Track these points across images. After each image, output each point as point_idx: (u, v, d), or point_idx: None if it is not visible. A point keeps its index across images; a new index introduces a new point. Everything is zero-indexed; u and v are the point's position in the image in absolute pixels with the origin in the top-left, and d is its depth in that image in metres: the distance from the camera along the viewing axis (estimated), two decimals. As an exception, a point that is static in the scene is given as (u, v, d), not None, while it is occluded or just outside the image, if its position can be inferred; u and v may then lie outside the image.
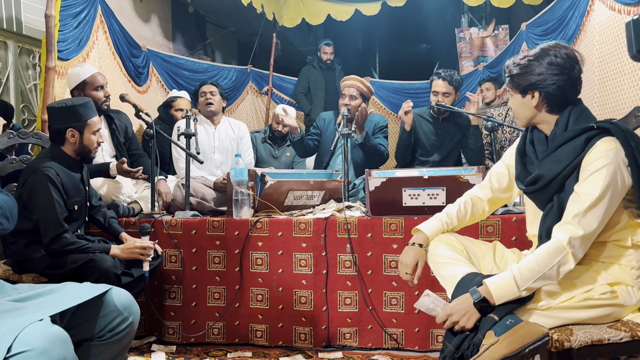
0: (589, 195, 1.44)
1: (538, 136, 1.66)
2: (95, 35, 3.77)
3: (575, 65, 1.55)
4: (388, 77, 6.84)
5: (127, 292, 1.42)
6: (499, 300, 1.46)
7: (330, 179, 3.07)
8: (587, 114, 1.58)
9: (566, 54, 1.55)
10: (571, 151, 1.51)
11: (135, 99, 4.15)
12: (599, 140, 1.47)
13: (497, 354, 1.36)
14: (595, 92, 3.76)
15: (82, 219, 2.48)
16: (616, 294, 1.48)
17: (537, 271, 1.44)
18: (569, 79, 1.54)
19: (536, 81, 1.57)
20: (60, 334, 1.12)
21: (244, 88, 6.06)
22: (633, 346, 1.46)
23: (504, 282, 1.47)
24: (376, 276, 2.62)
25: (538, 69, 1.56)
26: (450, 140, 3.54)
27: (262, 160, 4.18)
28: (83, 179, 2.48)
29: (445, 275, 1.66)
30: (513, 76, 1.63)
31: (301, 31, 7.82)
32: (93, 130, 2.40)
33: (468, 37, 6.72)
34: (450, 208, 1.85)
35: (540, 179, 1.57)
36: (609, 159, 1.44)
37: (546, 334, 1.40)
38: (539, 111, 1.61)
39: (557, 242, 1.45)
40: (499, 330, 1.40)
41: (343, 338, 2.64)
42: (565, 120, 1.57)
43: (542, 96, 1.58)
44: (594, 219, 1.44)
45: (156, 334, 2.76)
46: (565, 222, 1.47)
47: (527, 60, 1.59)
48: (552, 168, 1.54)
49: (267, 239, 2.68)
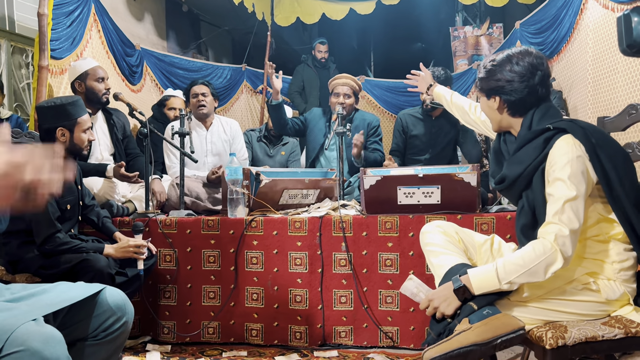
0: (561, 193, 1.46)
1: (509, 137, 1.71)
2: (88, 34, 3.76)
3: (537, 72, 1.58)
4: (383, 75, 6.84)
5: (120, 292, 1.41)
6: (478, 290, 1.48)
7: (325, 177, 3.06)
8: (552, 112, 1.62)
9: (529, 62, 1.59)
10: (531, 152, 1.55)
11: (129, 98, 4.14)
12: (558, 139, 1.51)
13: (467, 340, 1.37)
14: (589, 90, 3.77)
15: (75, 219, 2.47)
16: (598, 286, 1.49)
17: (521, 266, 1.45)
18: (527, 86, 1.59)
19: (496, 86, 1.63)
20: (53, 333, 1.11)
21: (239, 87, 6.05)
22: (627, 343, 1.46)
23: (485, 274, 1.49)
24: (371, 274, 2.62)
25: (499, 75, 1.62)
26: (444, 138, 3.55)
27: (257, 159, 4.17)
28: (75, 179, 2.47)
29: (435, 264, 1.68)
30: (480, 79, 1.70)
31: (296, 30, 7.82)
32: (83, 129, 2.39)
33: (462, 36, 6.72)
34: None
35: (506, 179, 1.62)
36: (569, 155, 1.47)
37: (521, 327, 1.40)
38: (502, 114, 1.67)
39: (544, 240, 1.46)
40: (474, 318, 1.41)
41: (338, 336, 2.64)
42: (529, 121, 1.62)
43: (502, 100, 1.64)
44: (574, 213, 1.45)
45: (151, 333, 2.75)
46: (548, 222, 1.49)
47: (491, 65, 1.65)
48: (515, 168, 1.59)
49: (262, 237, 2.67)
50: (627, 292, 1.52)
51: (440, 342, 1.40)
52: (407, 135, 3.62)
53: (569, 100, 4.19)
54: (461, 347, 1.37)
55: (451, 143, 3.59)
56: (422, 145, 3.59)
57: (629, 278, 1.53)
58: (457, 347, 1.37)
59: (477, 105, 2.15)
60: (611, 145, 1.53)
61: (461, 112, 2.28)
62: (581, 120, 1.59)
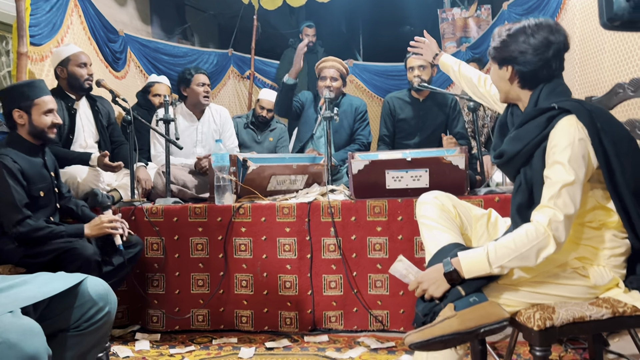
0: (559, 177, 1.44)
1: (516, 111, 1.68)
2: (69, 19, 3.67)
3: (552, 46, 1.54)
4: (372, 59, 6.78)
5: (102, 281, 1.39)
6: (469, 274, 1.46)
7: (314, 162, 3.04)
8: (560, 90, 1.58)
9: (544, 36, 1.55)
10: (532, 130, 1.52)
11: (113, 84, 4.07)
12: (560, 119, 1.47)
13: (450, 328, 1.37)
14: (576, 70, 3.76)
15: (53, 206, 2.43)
16: (587, 271, 1.49)
17: (513, 250, 1.43)
18: (540, 59, 1.55)
19: (509, 56, 1.60)
20: (31, 325, 1.08)
21: (226, 72, 5.96)
22: (614, 322, 1.46)
23: (476, 258, 1.47)
24: (360, 259, 2.61)
25: (513, 46, 1.58)
26: (433, 122, 3.52)
27: (244, 146, 4.13)
28: (47, 165, 2.42)
29: (427, 239, 1.66)
30: (493, 47, 1.66)
31: (283, 14, 7.71)
32: (43, 110, 2.33)
33: (450, 18, 6.67)
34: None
35: (504, 155, 1.60)
36: (570, 138, 1.44)
37: (506, 318, 1.40)
38: (512, 84, 1.63)
39: (537, 224, 1.44)
40: (460, 305, 1.41)
41: (329, 321, 2.64)
42: (536, 96, 1.59)
43: (514, 71, 1.60)
44: (570, 199, 1.43)
45: (140, 322, 2.74)
46: (543, 205, 1.46)
47: (506, 34, 1.61)
48: (514, 145, 1.57)
49: (250, 224, 2.65)
50: (616, 277, 1.51)
51: (423, 328, 1.39)
52: (395, 118, 3.59)
53: (557, 81, 4.17)
54: (443, 335, 1.37)
55: (441, 126, 3.56)
56: (410, 129, 3.56)
57: (619, 264, 1.52)
58: (439, 335, 1.37)
59: (486, 78, 2.09)
60: (617, 130, 1.50)
61: (470, 84, 2.18)
62: (587, 101, 1.56)
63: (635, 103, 2.94)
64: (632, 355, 2.11)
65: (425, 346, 1.38)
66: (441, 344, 1.38)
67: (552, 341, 1.44)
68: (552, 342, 1.45)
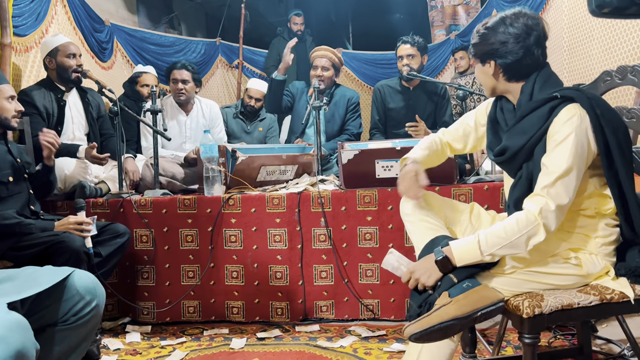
0: (557, 166, 1.43)
1: (506, 105, 1.64)
2: (53, 9, 3.62)
3: (532, 33, 1.52)
4: (362, 48, 6.75)
5: (90, 275, 1.37)
6: (460, 262, 1.46)
7: (303, 153, 3.03)
8: (554, 79, 1.56)
9: (523, 23, 1.52)
10: (536, 122, 1.49)
11: (99, 75, 4.03)
12: (563, 108, 1.46)
13: (448, 315, 1.37)
14: (565, 58, 3.77)
15: (26, 193, 2.39)
16: (580, 261, 1.49)
17: (504, 238, 1.43)
18: (522, 47, 1.52)
19: (490, 50, 1.56)
20: (18, 320, 1.07)
21: (214, 62, 5.92)
22: (602, 309, 1.47)
23: (467, 246, 1.46)
24: (351, 249, 2.61)
25: (493, 38, 1.55)
26: (423, 111, 3.52)
27: (233, 136, 4.10)
28: (11, 152, 2.39)
29: (415, 235, 1.66)
30: (473, 45, 1.63)
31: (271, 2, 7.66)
32: (5, 97, 2.34)
33: (440, 6, 6.64)
34: (423, 143, 1.85)
35: (507, 150, 1.56)
36: (572, 126, 1.43)
37: (501, 299, 1.40)
38: (497, 80, 1.60)
39: (528, 213, 1.44)
40: (454, 292, 1.41)
41: (320, 311, 2.64)
42: (530, 88, 1.55)
43: (497, 65, 1.57)
44: (565, 189, 1.42)
45: (130, 314, 2.73)
46: (536, 194, 1.46)
47: (484, 29, 1.58)
48: (518, 139, 1.53)
49: (240, 215, 2.64)
50: (607, 265, 1.52)
51: (421, 318, 1.39)
52: (385, 107, 3.58)
53: (545, 69, 4.18)
54: (442, 322, 1.36)
55: (431, 115, 3.56)
56: (400, 118, 3.55)
57: (610, 252, 1.53)
58: (438, 322, 1.37)
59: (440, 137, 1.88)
60: (615, 117, 1.49)
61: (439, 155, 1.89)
62: (587, 89, 1.55)
63: (622, 90, 2.96)
64: (619, 340, 2.14)
65: (425, 335, 1.38)
66: (440, 332, 1.37)
67: (541, 328, 1.45)
68: (541, 329, 1.46)
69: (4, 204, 2.27)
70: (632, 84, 1.77)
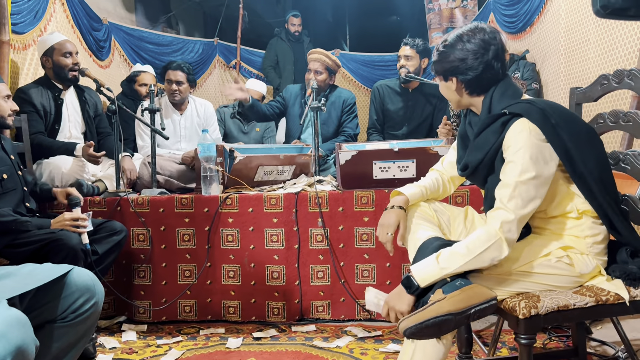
0: (511, 180, 1.46)
1: (473, 119, 1.68)
2: (52, 7, 3.62)
3: (490, 47, 1.55)
4: (359, 49, 6.78)
5: (89, 272, 1.37)
6: (423, 282, 1.46)
7: (301, 153, 3.03)
8: (512, 91, 1.59)
9: (480, 38, 1.55)
10: (490, 137, 1.54)
11: (97, 74, 4.03)
12: (512, 124, 1.49)
13: (442, 310, 1.37)
14: (562, 62, 3.79)
15: (20, 190, 2.39)
16: (571, 260, 1.51)
17: (465, 255, 1.44)
18: (481, 62, 1.55)
19: (451, 67, 1.59)
20: (18, 316, 1.07)
21: (211, 62, 5.93)
22: (597, 311, 1.49)
23: (426, 262, 1.48)
24: (348, 249, 2.62)
25: (452, 56, 1.58)
26: (421, 113, 3.54)
27: (231, 136, 4.11)
28: (5, 149, 2.40)
29: (409, 239, 1.67)
30: (434, 62, 1.66)
31: (269, 3, 7.67)
32: (2, 96, 2.37)
33: (437, 8, 6.67)
34: (424, 181, 1.85)
35: (468, 166, 1.62)
36: (522, 141, 1.46)
37: (494, 297, 1.41)
38: (461, 95, 1.63)
39: (489, 228, 1.46)
40: (447, 289, 1.42)
41: (316, 311, 2.65)
42: (488, 102, 1.59)
43: (459, 81, 1.60)
44: (522, 200, 1.45)
45: (126, 313, 2.72)
46: (496, 207, 1.49)
47: (443, 47, 1.61)
48: (475, 155, 1.58)
49: (237, 215, 2.64)
50: (599, 265, 1.54)
51: (416, 312, 1.40)
52: (384, 107, 3.60)
53: (542, 72, 4.21)
54: (436, 317, 1.37)
55: (429, 117, 3.58)
56: (398, 119, 3.57)
57: (600, 251, 1.55)
58: (432, 317, 1.38)
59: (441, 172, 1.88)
60: (573, 122, 1.52)
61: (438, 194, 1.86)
62: (540, 99, 1.57)
63: (619, 94, 2.98)
64: (614, 342, 2.16)
65: (420, 330, 1.38)
66: (435, 327, 1.38)
67: (537, 329, 1.46)
68: (536, 330, 1.46)
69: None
70: (628, 88, 1.78)
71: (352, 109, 3.73)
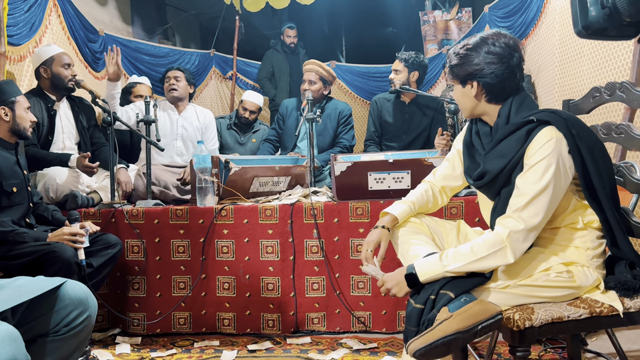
0: (529, 188, 1.45)
1: (483, 128, 1.65)
2: (48, 19, 3.62)
3: (514, 54, 1.54)
4: (355, 61, 6.80)
5: (82, 285, 1.36)
6: (423, 277, 1.49)
7: (296, 164, 3.04)
8: (529, 102, 1.58)
9: (505, 42, 1.54)
10: (514, 145, 1.51)
11: (93, 85, 4.04)
12: (540, 131, 1.47)
13: (450, 329, 1.37)
14: (556, 74, 3.82)
15: (26, 205, 2.40)
16: (572, 274, 1.50)
17: (469, 256, 1.46)
18: (507, 67, 1.53)
19: (474, 71, 1.56)
20: (9, 331, 1.06)
21: (207, 73, 5.93)
22: (591, 322, 1.49)
23: (429, 261, 1.50)
24: (343, 261, 2.61)
25: (476, 59, 1.55)
26: (418, 125, 3.56)
27: (227, 147, 4.11)
28: (19, 163, 2.41)
29: (407, 257, 1.67)
30: (453, 66, 1.62)
31: (265, 14, 7.69)
32: (24, 107, 2.40)
33: (432, 20, 6.72)
34: (412, 195, 1.84)
35: (487, 174, 1.57)
36: (548, 149, 1.45)
37: (499, 312, 1.41)
38: (479, 101, 1.60)
39: (496, 235, 1.46)
40: (453, 307, 1.42)
41: (311, 323, 2.64)
42: (507, 110, 1.56)
43: (481, 86, 1.57)
44: (536, 212, 1.44)
45: (120, 325, 2.70)
46: (507, 215, 1.48)
47: (465, 50, 1.58)
48: (497, 163, 1.54)
49: (232, 226, 2.64)
50: (599, 278, 1.54)
51: (424, 333, 1.40)
52: (381, 119, 3.63)
53: (537, 84, 4.23)
54: (445, 336, 1.37)
55: (426, 129, 3.59)
56: (395, 131, 3.59)
57: (600, 264, 1.55)
58: (442, 337, 1.37)
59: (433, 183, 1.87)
60: (590, 136, 1.51)
61: (429, 207, 1.86)
62: (562, 110, 1.57)
63: (611, 107, 3.00)
64: (609, 354, 2.15)
65: (430, 351, 1.38)
66: (444, 347, 1.37)
67: (531, 341, 1.46)
68: (531, 342, 1.46)
69: (3, 214, 2.26)
70: (620, 100, 1.80)
71: (347, 120, 3.75)
